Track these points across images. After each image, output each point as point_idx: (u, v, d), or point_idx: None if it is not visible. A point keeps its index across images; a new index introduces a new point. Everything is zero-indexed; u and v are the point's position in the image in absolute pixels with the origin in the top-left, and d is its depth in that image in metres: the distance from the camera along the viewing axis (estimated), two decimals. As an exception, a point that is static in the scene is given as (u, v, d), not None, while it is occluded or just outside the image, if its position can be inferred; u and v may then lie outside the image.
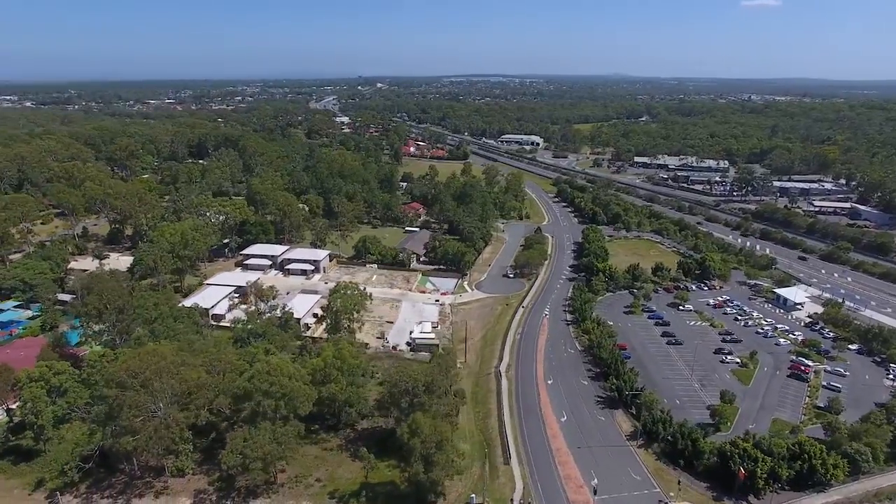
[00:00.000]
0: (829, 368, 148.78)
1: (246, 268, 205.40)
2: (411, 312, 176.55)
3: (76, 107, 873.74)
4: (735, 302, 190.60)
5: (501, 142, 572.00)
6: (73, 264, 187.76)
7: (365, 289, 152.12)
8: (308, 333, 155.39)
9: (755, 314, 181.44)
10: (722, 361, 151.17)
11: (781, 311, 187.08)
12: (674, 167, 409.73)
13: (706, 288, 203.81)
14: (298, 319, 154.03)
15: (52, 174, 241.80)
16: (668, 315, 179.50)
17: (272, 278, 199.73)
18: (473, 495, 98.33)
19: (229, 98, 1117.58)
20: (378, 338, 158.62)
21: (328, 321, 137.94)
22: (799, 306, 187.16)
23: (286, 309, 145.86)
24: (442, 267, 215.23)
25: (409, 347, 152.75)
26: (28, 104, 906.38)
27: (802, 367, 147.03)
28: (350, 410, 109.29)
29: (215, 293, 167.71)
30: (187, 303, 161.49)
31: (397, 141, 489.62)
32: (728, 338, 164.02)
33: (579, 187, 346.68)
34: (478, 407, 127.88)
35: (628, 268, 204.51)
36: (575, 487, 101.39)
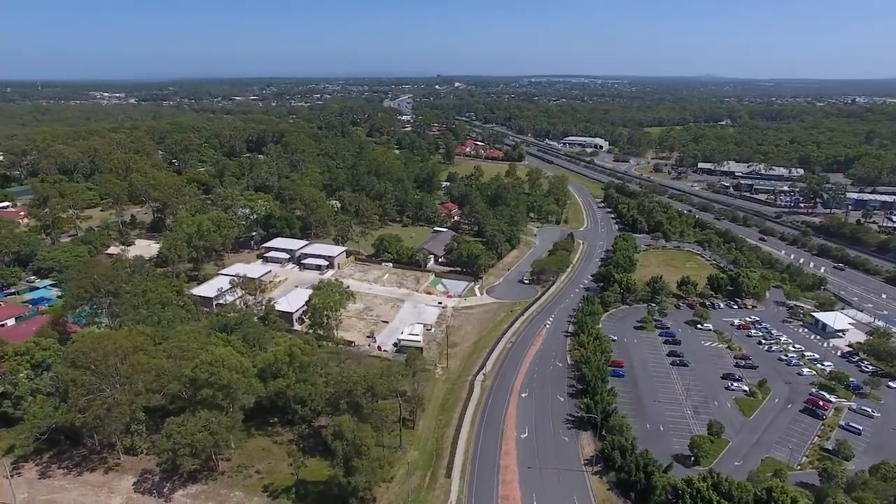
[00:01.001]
0: (854, 406, 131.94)
1: (266, 260, 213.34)
2: (410, 313, 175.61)
3: (171, 103, 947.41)
4: (764, 324, 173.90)
5: (564, 143, 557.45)
6: (111, 249, 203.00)
7: (370, 287, 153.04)
8: (301, 328, 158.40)
9: (783, 339, 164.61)
10: (727, 388, 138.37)
11: (818, 337, 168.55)
12: (740, 174, 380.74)
13: (736, 306, 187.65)
14: (291, 313, 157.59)
15: (112, 165, 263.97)
16: (682, 333, 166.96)
17: (287, 271, 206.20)
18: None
19: (308, 95, 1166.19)
20: (367, 336, 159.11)
21: (308, 317, 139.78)
22: (839, 333, 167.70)
23: (271, 302, 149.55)
24: (458, 269, 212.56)
25: (395, 348, 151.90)
26: (132, 101, 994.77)
27: (821, 403, 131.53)
28: (296, 407, 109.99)
29: (223, 283, 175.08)
30: (196, 291, 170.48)
31: (452, 140, 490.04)
32: (742, 362, 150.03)
33: (628, 193, 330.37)
34: (442, 414, 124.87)
35: (649, 280, 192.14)
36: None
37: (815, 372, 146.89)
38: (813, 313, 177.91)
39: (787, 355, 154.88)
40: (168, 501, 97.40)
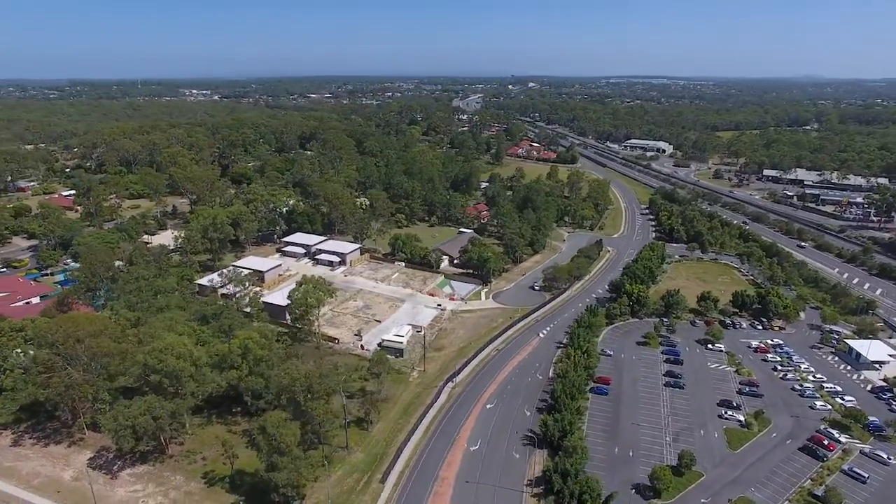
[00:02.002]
0: (867, 450, 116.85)
1: (284, 254, 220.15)
2: (405, 314, 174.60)
3: (249, 100, 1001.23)
4: (786, 348, 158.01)
5: (624, 146, 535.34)
6: (145, 237, 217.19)
7: (376, 285, 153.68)
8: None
9: (804, 366, 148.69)
10: (720, 416, 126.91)
11: (848, 367, 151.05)
12: (809, 183, 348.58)
13: (760, 327, 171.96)
14: (284, 307, 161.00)
15: (162, 158, 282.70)
16: (689, 353, 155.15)
17: (301, 266, 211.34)
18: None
19: (380, 94, 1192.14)
20: (355, 335, 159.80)
21: (291, 311, 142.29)
22: (875, 365, 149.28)
23: (257, 296, 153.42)
24: (470, 271, 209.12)
25: (378, 348, 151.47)
26: (215, 97, 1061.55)
27: (825, 442, 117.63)
28: (246, 398, 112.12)
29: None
30: (201, 281, 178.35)
31: (505, 141, 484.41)
32: (746, 389, 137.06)
33: (676, 199, 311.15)
34: (403, 418, 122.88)
35: (664, 294, 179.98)
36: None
37: (831, 406, 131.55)
38: (847, 340, 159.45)
39: (801, 385, 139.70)
40: (114, 479, 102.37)
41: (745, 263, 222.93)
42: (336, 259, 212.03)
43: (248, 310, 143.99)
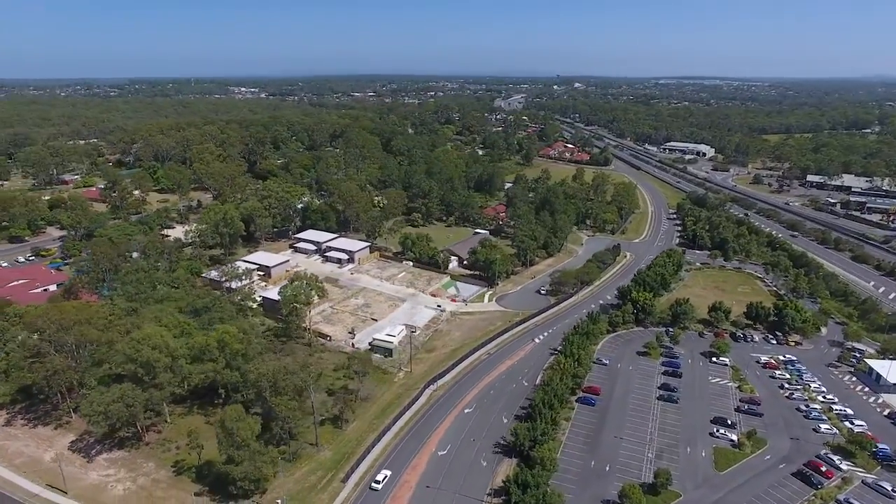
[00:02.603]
0: (870, 480, 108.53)
1: (296, 250, 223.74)
2: (403, 314, 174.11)
3: (295, 98, 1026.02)
4: (797, 365, 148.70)
5: (663, 149, 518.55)
6: (166, 231, 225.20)
7: (380, 284, 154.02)
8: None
9: (814, 386, 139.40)
10: (712, 434, 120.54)
11: (866, 389, 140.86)
12: (858, 190, 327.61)
13: (774, 341, 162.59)
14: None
15: (192, 154, 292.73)
16: (691, 365, 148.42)
17: (310, 262, 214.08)
18: (280, 501, 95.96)
19: (423, 93, 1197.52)
20: (348, 333, 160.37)
21: (281, 307, 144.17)
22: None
23: (251, 291, 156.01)
24: (477, 273, 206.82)
25: (368, 347, 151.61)
26: (262, 95, 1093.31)
27: (823, 468, 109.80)
28: (221, 391, 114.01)
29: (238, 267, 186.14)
30: (208, 274, 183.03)
31: (536, 142, 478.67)
32: (745, 406, 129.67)
33: (707, 204, 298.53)
34: (379, 419, 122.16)
35: (672, 304, 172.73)
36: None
37: (837, 430, 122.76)
38: (869, 360, 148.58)
39: (808, 406, 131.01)
40: (90, 462, 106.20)
41: (769, 273, 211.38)
42: (344, 257, 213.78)
43: (241, 304, 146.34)
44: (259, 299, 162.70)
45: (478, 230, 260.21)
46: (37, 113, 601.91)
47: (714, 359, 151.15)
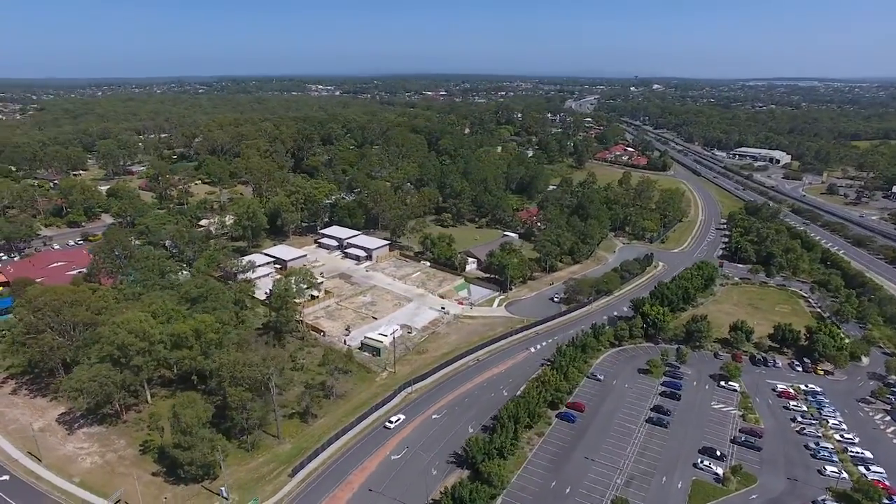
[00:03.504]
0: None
1: (319, 245, 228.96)
2: (405, 314, 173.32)
3: (367, 96, 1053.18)
4: (819, 397, 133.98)
5: (732, 154, 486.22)
6: (203, 221, 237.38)
7: (392, 283, 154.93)
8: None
9: (833, 422, 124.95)
10: (696, 465, 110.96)
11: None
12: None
13: (800, 368, 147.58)
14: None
15: (241, 149, 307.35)
16: (694, 387, 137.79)
17: (331, 258, 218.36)
18: (223, 488, 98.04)
19: (493, 93, 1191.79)
20: (345, 330, 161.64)
21: (272, 301, 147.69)
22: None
23: (248, 283, 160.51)
24: (493, 277, 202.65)
25: (360, 345, 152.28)
26: (336, 93, 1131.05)
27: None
28: (194, 378, 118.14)
29: (256, 260, 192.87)
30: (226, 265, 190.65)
31: (592, 144, 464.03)
32: (743, 438, 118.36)
33: (762, 215, 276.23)
34: (347, 416, 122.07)
35: (688, 321, 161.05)
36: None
37: (847, 474, 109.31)
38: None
39: (818, 444, 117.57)
40: (70, 434, 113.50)
41: (814, 293, 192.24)
42: (363, 254, 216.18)
43: (239, 296, 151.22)
44: (268, 292, 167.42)
45: (506, 232, 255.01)
46: (129, 109, 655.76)
47: (723, 382, 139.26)
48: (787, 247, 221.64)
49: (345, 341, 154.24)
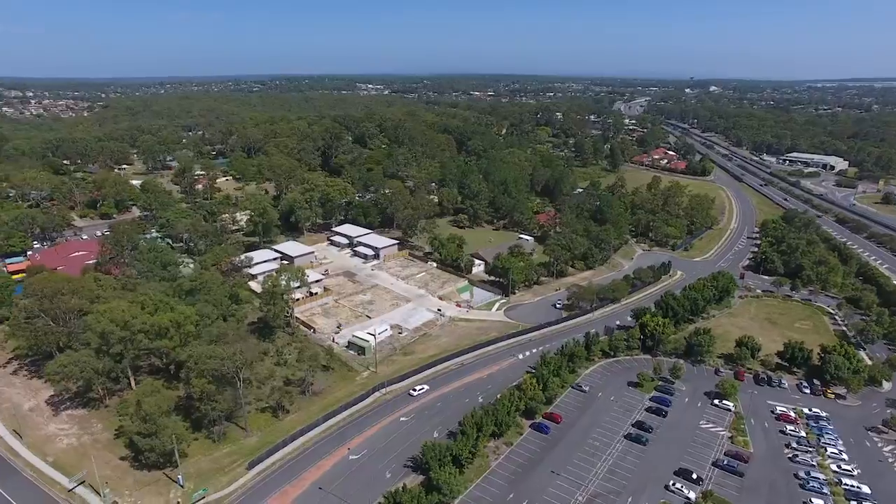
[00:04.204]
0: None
1: (332, 243, 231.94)
2: (400, 314, 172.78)
3: (414, 95, 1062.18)
4: (821, 422, 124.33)
5: (783, 160, 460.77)
6: (225, 216, 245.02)
7: (394, 282, 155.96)
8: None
9: (833, 450, 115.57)
10: (667, 487, 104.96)
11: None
12: None
13: (808, 390, 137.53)
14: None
15: (267, 147, 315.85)
16: (686, 404, 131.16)
17: (341, 255, 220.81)
18: (180, 476, 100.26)
19: (542, 93, 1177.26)
20: (336, 327, 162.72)
21: (261, 296, 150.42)
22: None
23: (243, 278, 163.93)
24: (497, 280, 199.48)
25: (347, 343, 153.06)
26: (385, 92, 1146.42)
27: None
28: (171, 368, 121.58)
29: (261, 255, 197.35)
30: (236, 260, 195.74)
31: (630, 147, 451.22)
32: (726, 461, 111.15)
33: (799, 224, 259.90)
34: (321, 413, 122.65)
35: (690, 334, 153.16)
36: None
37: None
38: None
39: (810, 473, 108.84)
40: (56, 415, 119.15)
41: (841, 309, 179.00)
42: (370, 253, 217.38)
43: (233, 290, 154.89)
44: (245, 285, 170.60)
45: (522, 235, 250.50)
46: (183, 106, 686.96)
47: (716, 401, 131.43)
48: (819, 259, 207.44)
49: (333, 339, 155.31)
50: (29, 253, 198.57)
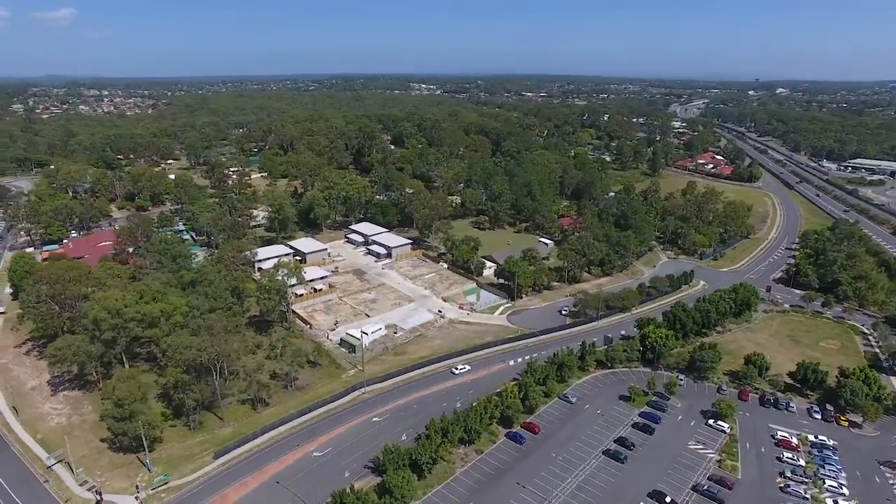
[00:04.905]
0: None
1: (348, 240, 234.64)
2: (399, 314, 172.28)
3: (465, 95, 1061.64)
4: (826, 452, 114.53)
5: (844, 167, 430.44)
6: (250, 211, 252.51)
7: (401, 282, 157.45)
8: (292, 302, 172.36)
9: (832, 483, 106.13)
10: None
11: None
12: None
13: (819, 416, 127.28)
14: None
15: (300, 146, 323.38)
16: (679, 422, 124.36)
17: (355, 253, 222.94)
18: (149, 460, 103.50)
19: (595, 95, 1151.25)
20: (334, 324, 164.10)
21: (260, 295, 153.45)
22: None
23: (245, 273, 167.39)
24: (506, 283, 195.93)
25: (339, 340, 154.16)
26: (437, 92, 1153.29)
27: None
28: (158, 356, 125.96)
29: (274, 251, 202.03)
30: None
31: (673, 151, 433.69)
32: (706, 487, 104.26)
33: (835, 235, 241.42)
34: (297, 408, 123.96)
35: (694, 348, 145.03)
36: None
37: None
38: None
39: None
40: (53, 395, 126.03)
41: (876, 330, 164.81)
42: (383, 251, 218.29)
43: (234, 284, 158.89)
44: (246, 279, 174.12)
45: (541, 239, 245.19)
46: (237, 105, 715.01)
47: (712, 421, 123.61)
48: (858, 273, 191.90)
49: (327, 335, 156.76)
50: (65, 241, 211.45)
